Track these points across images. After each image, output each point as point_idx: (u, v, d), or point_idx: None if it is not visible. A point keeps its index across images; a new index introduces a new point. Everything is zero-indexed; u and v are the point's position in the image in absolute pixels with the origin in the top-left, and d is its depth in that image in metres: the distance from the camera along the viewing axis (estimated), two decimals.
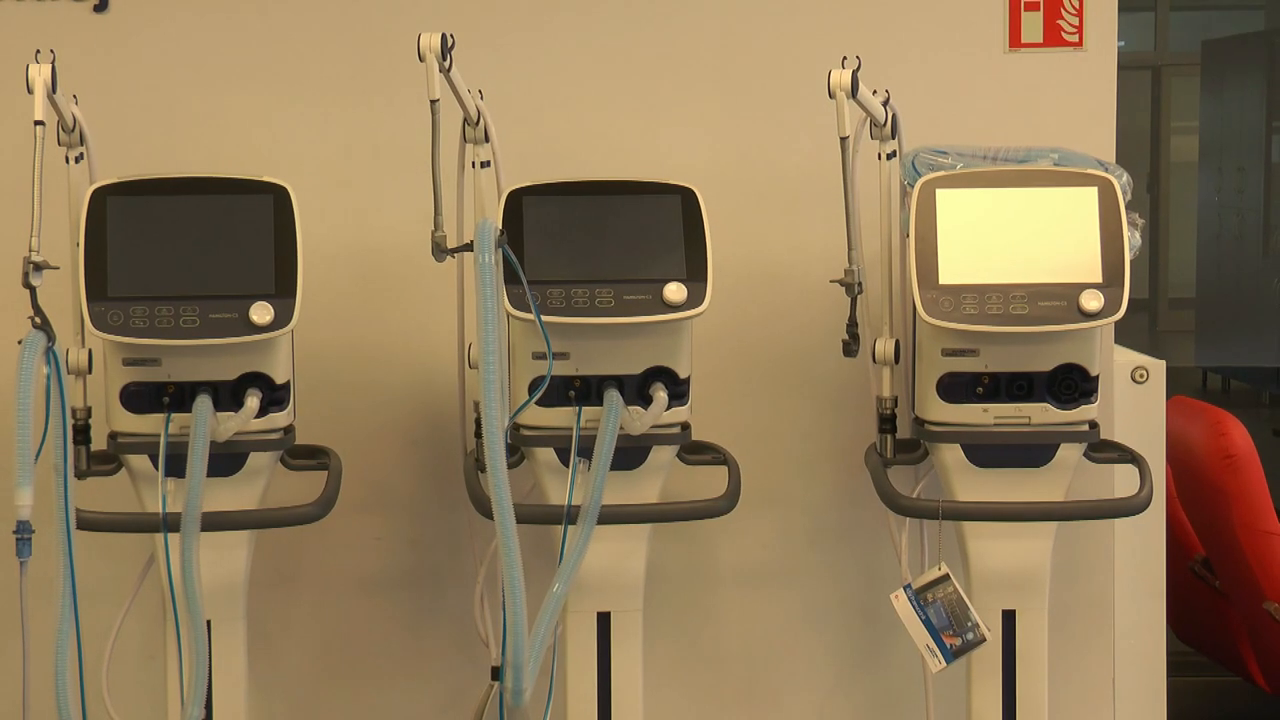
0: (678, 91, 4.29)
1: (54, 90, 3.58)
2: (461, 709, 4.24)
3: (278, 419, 3.81)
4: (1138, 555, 4.40)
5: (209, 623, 3.77)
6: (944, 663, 3.91)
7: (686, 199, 3.83)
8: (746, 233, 4.12)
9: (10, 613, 3.49)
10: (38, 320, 3.51)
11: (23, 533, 3.37)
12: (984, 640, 3.91)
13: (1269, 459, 4.87)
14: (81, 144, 3.86)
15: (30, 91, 3.53)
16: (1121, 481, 4.07)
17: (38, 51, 3.60)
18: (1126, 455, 3.98)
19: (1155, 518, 4.30)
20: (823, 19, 4.25)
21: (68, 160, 3.85)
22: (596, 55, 4.28)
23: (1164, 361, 4.39)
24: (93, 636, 3.66)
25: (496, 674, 4.02)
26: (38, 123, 3.52)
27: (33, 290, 3.50)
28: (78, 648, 3.52)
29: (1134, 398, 4.30)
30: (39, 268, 3.50)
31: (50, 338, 3.52)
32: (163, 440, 3.72)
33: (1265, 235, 7.06)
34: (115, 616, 3.91)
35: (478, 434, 3.84)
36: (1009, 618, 3.98)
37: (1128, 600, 4.40)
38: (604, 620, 3.97)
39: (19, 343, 3.47)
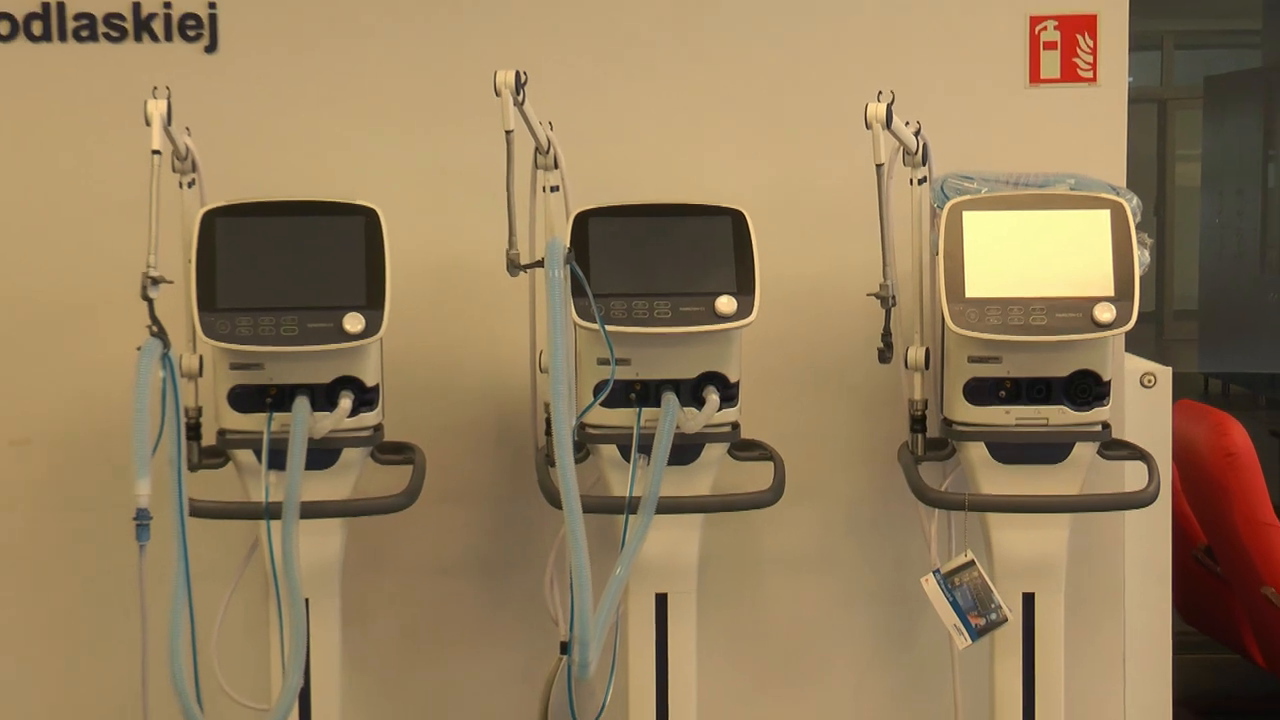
0: (729, 122, 4.30)
1: (169, 123, 3.62)
2: (533, 680, 4.26)
3: (368, 418, 3.84)
4: (1146, 544, 4.38)
5: (307, 601, 3.79)
6: (970, 641, 3.91)
7: (736, 220, 3.85)
8: (791, 250, 4.12)
9: (130, 592, 3.52)
10: (155, 329, 3.56)
11: (141, 519, 3.41)
12: (1006, 620, 3.91)
13: (1266, 457, 4.86)
14: (193, 171, 3.90)
15: (148, 124, 3.58)
16: (1131, 477, 4.06)
17: (155, 88, 3.64)
18: (1136, 453, 3.97)
19: (1162, 510, 4.28)
20: (860, 56, 4.26)
21: (181, 185, 3.89)
22: (655, 89, 4.30)
23: (1170, 368, 4.38)
24: (203, 613, 3.69)
25: (565, 649, 4.04)
26: (155, 152, 3.56)
27: (150, 302, 3.54)
28: (190, 623, 3.57)
29: (1143, 401, 4.28)
30: (156, 282, 3.54)
31: (166, 345, 3.56)
32: (265, 437, 3.75)
33: (1262, 253, 7.04)
34: (223, 595, 3.93)
35: (548, 432, 3.86)
36: (1029, 600, 3.98)
37: (1137, 585, 4.38)
38: (661, 601, 3.98)
39: (138, 349, 3.51)
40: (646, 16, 4.30)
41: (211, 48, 4.26)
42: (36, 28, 4.24)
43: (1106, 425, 3.89)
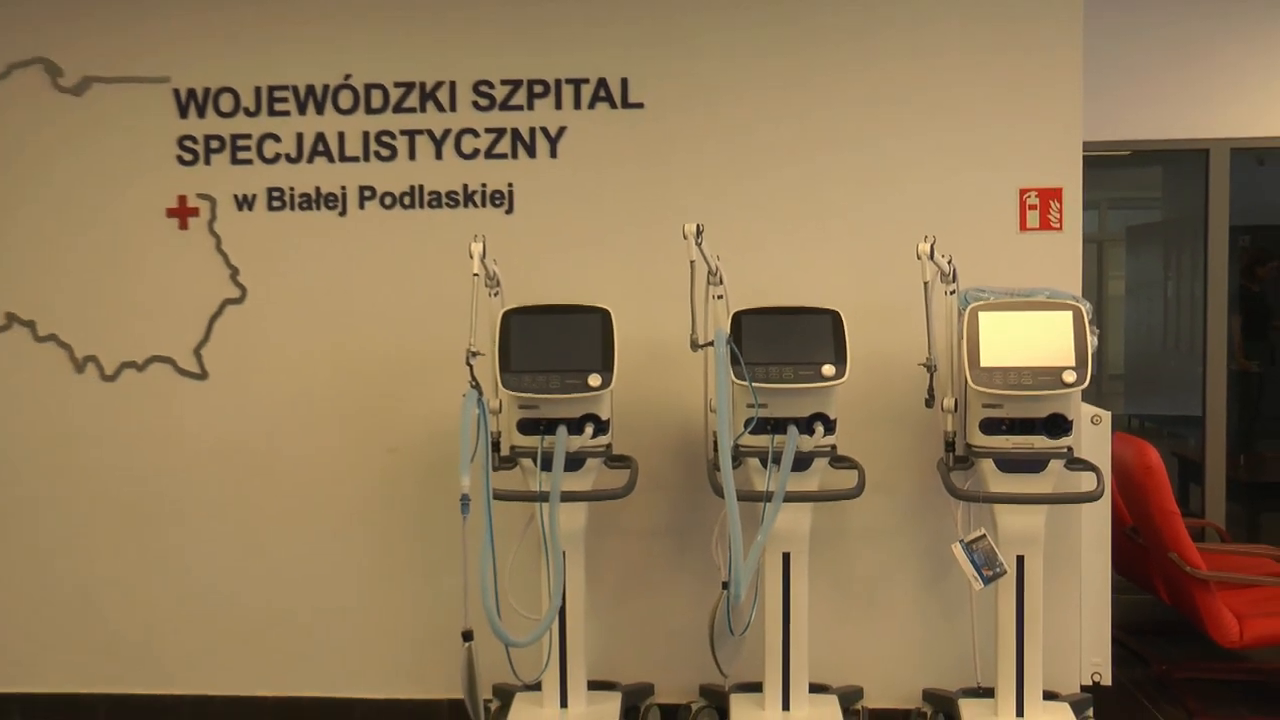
0: (831, 254, 4.22)
1: (484, 256, 3.65)
2: (704, 606, 4.17)
3: (602, 440, 3.82)
4: (1095, 525, 4.25)
5: (564, 553, 3.80)
6: (982, 586, 3.82)
7: (835, 317, 3.79)
8: (870, 335, 4.04)
9: (456, 546, 3.51)
10: (474, 383, 3.59)
11: (464, 501, 3.41)
12: (1006, 573, 3.82)
13: (1168, 468, 4.66)
14: (497, 286, 3.92)
15: (471, 257, 3.62)
16: (1085, 482, 3.92)
17: (475, 236, 3.69)
18: (1089, 466, 3.86)
19: (1105, 503, 4.16)
20: (914, 212, 4.17)
21: (490, 294, 3.91)
22: (785, 232, 4.24)
23: (1110, 412, 4.23)
24: (500, 559, 3.68)
25: (725, 586, 3.97)
26: (475, 275, 3.60)
27: (471, 366, 3.57)
28: (493, 566, 3.56)
29: (1093, 432, 4.15)
30: (475, 354, 3.58)
31: (480, 392, 3.59)
32: (539, 451, 3.75)
33: (1164, 338, 6.89)
34: (512, 549, 3.92)
35: (715, 448, 3.80)
36: (1020, 560, 3.86)
37: (1089, 550, 4.25)
38: (786, 557, 3.91)
39: (463, 395, 3.54)
40: (774, 190, 4.24)
41: (509, 211, 4.27)
42: (406, 200, 4.29)
43: (1070, 449, 3.79)
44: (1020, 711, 3.85)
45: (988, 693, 4.02)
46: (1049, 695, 4.01)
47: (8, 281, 4.41)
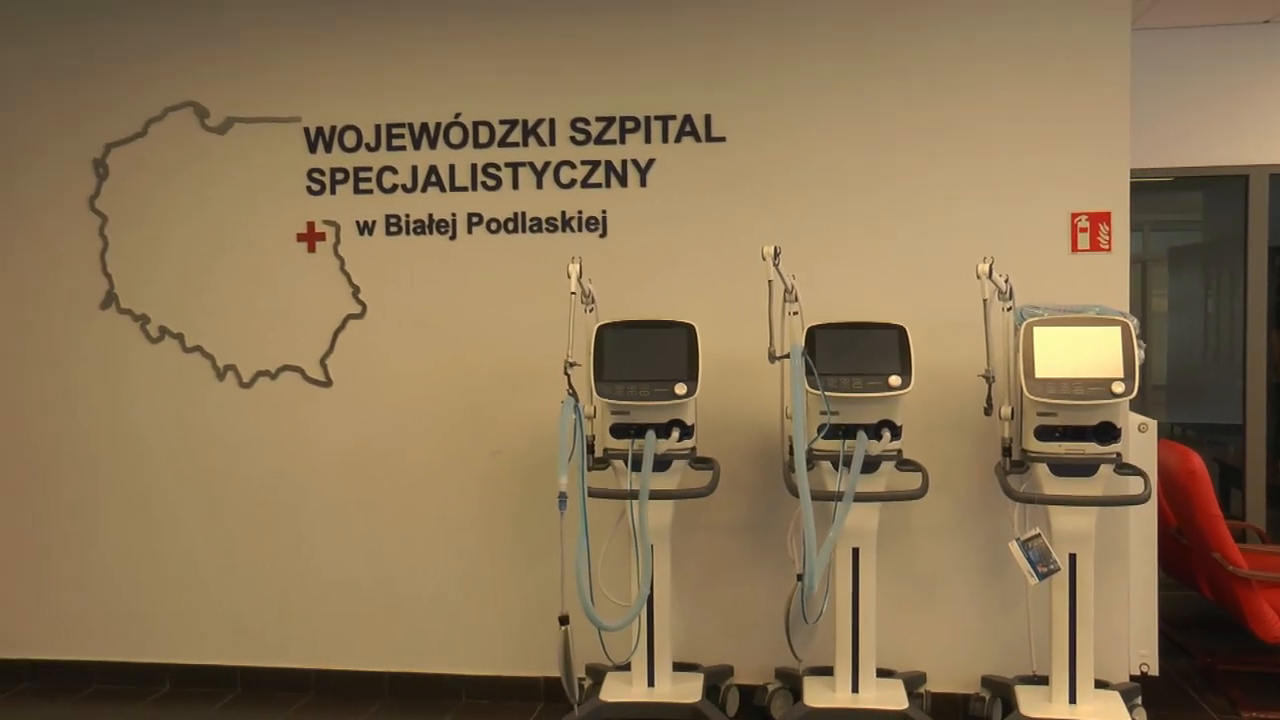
0: (898, 274, 4.15)
1: (581, 276, 3.64)
2: (780, 595, 4.14)
3: (687, 443, 3.80)
4: (1142, 525, 4.14)
5: (652, 546, 3.77)
6: (1037, 581, 3.74)
7: (901, 331, 3.74)
8: (933, 348, 3.98)
9: (554, 539, 3.50)
10: (571, 391, 3.57)
11: (562, 498, 3.42)
12: (1059, 569, 3.73)
13: (1210, 473, 4.53)
14: (593, 302, 3.93)
15: (569, 277, 3.62)
16: (1133, 485, 3.82)
17: (572, 258, 3.71)
18: (1136, 471, 3.76)
19: (1151, 505, 4.05)
20: (974, 236, 4.10)
21: (586, 310, 3.91)
22: (853, 255, 4.19)
23: (1155, 420, 4.12)
24: (594, 552, 3.67)
25: (800, 577, 3.93)
26: (572, 293, 3.60)
27: (568, 376, 3.56)
28: (587, 556, 3.56)
29: (1139, 439, 4.04)
30: (572, 364, 3.56)
31: (576, 400, 3.57)
32: (630, 453, 3.74)
33: (1204, 351, 6.71)
34: (604, 542, 3.90)
35: (790, 452, 3.76)
36: (1073, 558, 3.77)
37: (1136, 549, 4.13)
38: (856, 552, 3.86)
39: (561, 402, 3.54)
40: (844, 215, 4.19)
41: (603, 235, 4.25)
42: (510, 225, 4.30)
43: (1119, 454, 3.70)
44: (1073, 699, 3.76)
45: (1042, 680, 3.94)
46: (1100, 684, 3.91)
47: (162, 298, 4.50)
